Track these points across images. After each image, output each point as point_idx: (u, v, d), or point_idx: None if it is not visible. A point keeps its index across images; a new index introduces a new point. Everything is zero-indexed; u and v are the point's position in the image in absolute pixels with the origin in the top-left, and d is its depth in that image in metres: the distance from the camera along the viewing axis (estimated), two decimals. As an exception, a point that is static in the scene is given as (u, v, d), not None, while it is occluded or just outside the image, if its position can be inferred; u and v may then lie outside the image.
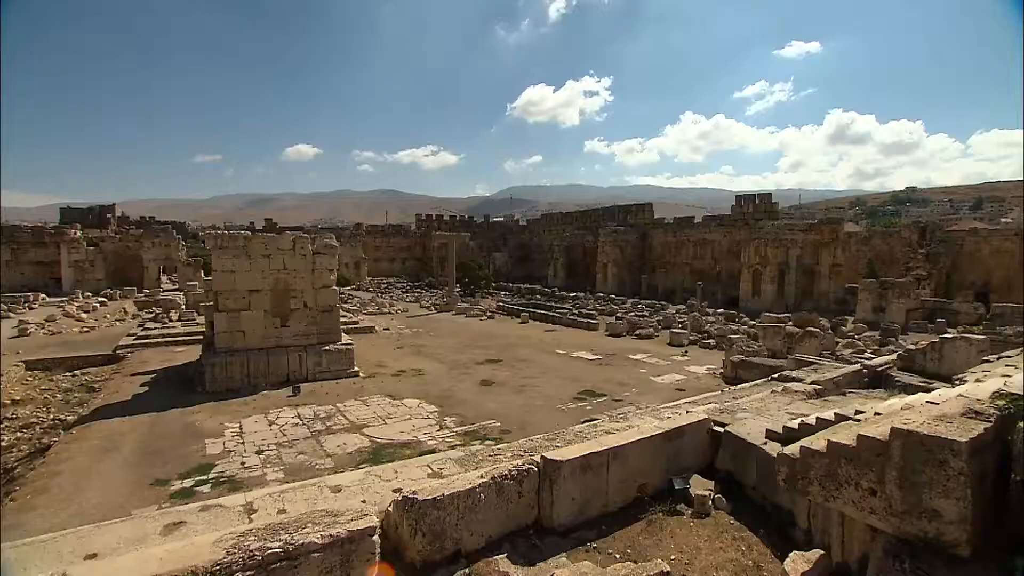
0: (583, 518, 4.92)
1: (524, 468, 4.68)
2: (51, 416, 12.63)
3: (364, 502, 4.42)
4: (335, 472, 7.97)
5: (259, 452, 9.37)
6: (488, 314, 28.94)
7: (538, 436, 7.10)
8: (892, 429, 3.31)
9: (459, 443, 9.67)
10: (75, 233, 41.97)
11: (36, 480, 8.67)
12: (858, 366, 9.86)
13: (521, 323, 26.26)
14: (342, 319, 16.34)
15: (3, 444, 11.03)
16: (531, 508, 4.78)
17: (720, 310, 27.75)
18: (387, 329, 23.58)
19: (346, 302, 28.22)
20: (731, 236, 36.50)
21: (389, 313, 29.68)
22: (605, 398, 12.73)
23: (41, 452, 10.17)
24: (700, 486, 5.52)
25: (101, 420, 11.27)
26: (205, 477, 8.42)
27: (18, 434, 11.65)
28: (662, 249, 41.93)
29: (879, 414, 4.28)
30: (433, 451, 9.05)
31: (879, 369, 9.54)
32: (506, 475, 4.56)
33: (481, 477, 4.41)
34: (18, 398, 14.27)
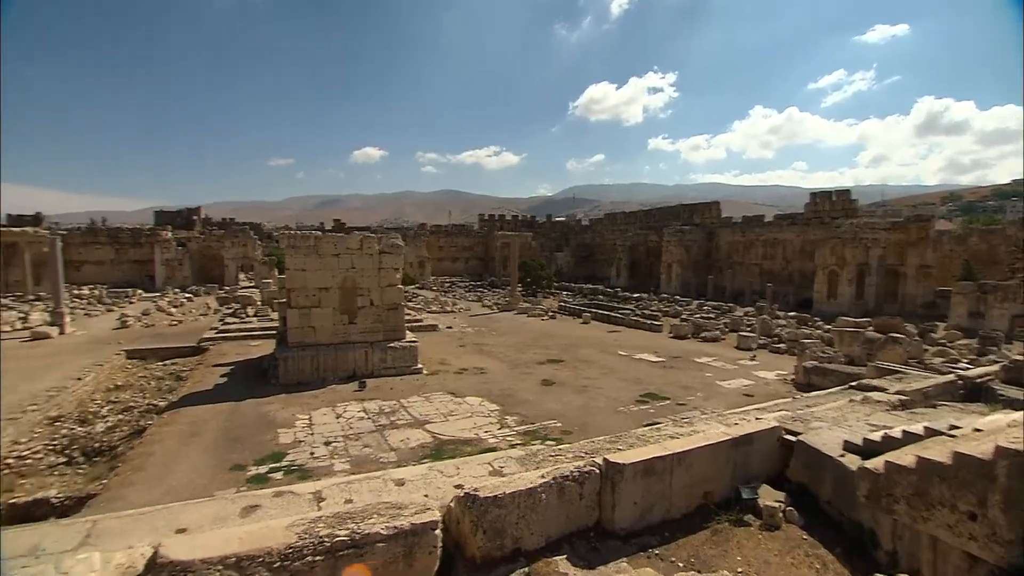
0: (645, 523, 4.80)
1: (586, 470, 4.63)
2: (146, 401, 13.67)
3: (427, 496, 4.50)
4: (398, 466, 8.19)
5: (327, 443, 9.76)
6: (550, 314, 28.88)
7: (600, 438, 7.00)
8: (997, 447, 3.02)
9: (519, 442, 9.70)
10: (167, 234, 45.34)
11: (134, 459, 9.43)
12: (952, 376, 9.09)
13: (583, 323, 26.04)
14: (406, 317, 16.76)
15: (109, 424, 12.08)
16: (592, 510, 4.72)
17: (792, 313, 26.42)
18: (450, 327, 23.99)
19: (410, 300, 28.93)
20: (805, 235, 34.66)
21: (452, 312, 30.18)
22: (668, 402, 12.41)
23: (138, 433, 11.04)
24: (769, 497, 5.27)
25: (187, 407, 12.10)
26: (278, 465, 8.85)
27: (120, 416, 12.71)
28: (729, 249, 40.42)
29: (979, 430, 3.92)
30: (494, 449, 9.11)
31: (978, 381, 8.75)
32: (567, 476, 4.52)
33: (542, 477, 4.39)
34: (120, 383, 15.57)
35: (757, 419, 6.53)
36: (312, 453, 9.32)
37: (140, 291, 38.29)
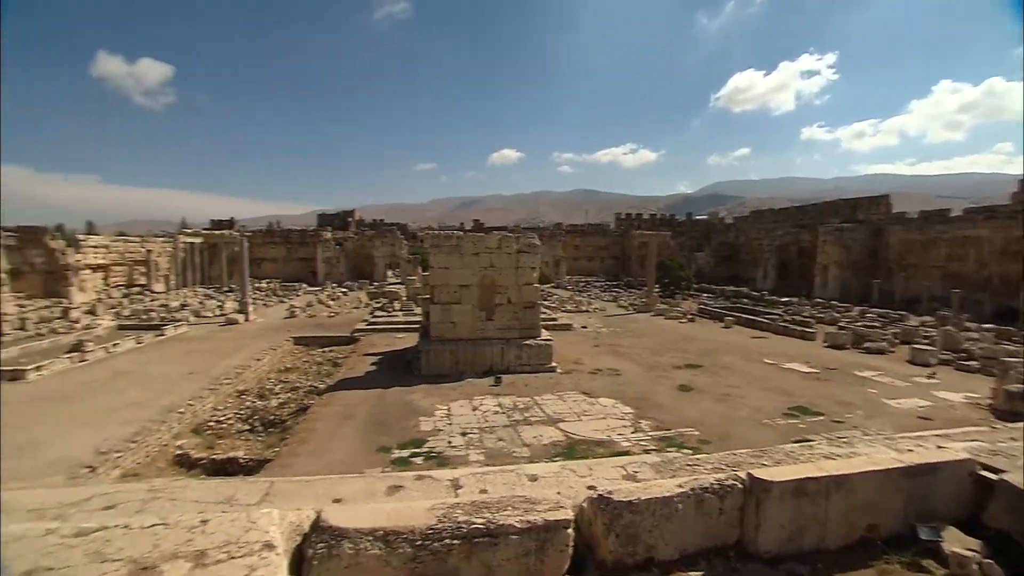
0: (793, 549, 4.36)
1: (727, 483, 4.32)
2: (309, 382, 15.40)
3: (559, 494, 4.50)
4: (530, 461, 8.33)
5: (463, 434, 10.22)
6: (688, 316, 27.60)
7: (742, 451, 6.52)
8: None
9: (654, 448, 9.38)
10: (327, 235, 50.81)
11: (300, 433, 10.67)
12: None
13: (724, 327, 24.50)
14: (541, 315, 17.01)
15: (280, 401, 13.83)
16: (732, 527, 4.40)
17: (988, 325, 22.51)
18: (584, 327, 23.92)
19: (546, 299, 29.33)
20: (1007, 232, 29.09)
21: (587, 311, 30.08)
22: (822, 418, 11.22)
23: (303, 411, 12.48)
24: (957, 542, 4.49)
25: (342, 391, 13.40)
26: (419, 450, 9.46)
27: (288, 394, 14.49)
28: (902, 249, 35.38)
29: None
30: (627, 453, 8.91)
31: None
32: (707, 488, 4.26)
33: (679, 487, 4.19)
34: (288, 366, 17.73)
35: (940, 447, 5.65)
36: (450, 442, 9.82)
37: (305, 285, 43.39)
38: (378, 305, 29.26)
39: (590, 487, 5.00)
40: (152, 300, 34.30)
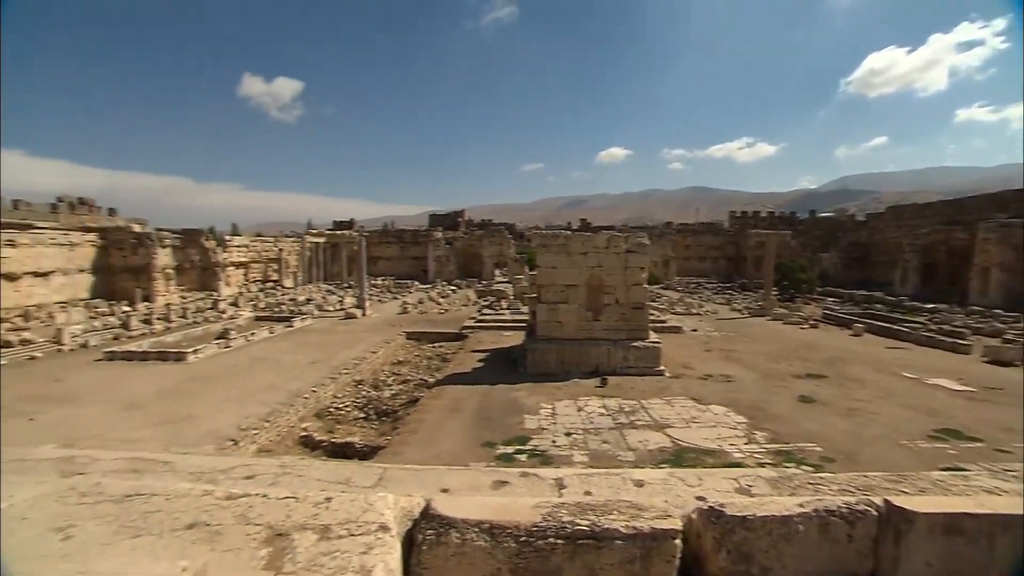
0: (942, 591, 3.86)
1: (858, 508, 3.91)
2: (419, 376, 16.16)
3: (666, 502, 4.34)
4: (635, 466, 8.13)
5: (567, 434, 10.20)
6: (810, 322, 25.48)
7: (875, 473, 5.88)
8: None
9: (769, 461, 8.78)
10: (438, 235, 53.08)
11: (410, 423, 11.24)
12: None
13: (853, 335, 22.31)
14: (650, 317, 16.55)
15: (393, 392, 14.65)
16: (864, 558, 3.96)
17: None
18: (695, 330, 22.94)
19: (654, 300, 28.50)
20: None
21: (697, 314, 28.84)
22: (980, 444, 9.81)
23: (413, 403, 13.13)
24: None
25: (450, 385, 13.91)
26: (523, 447, 9.57)
27: (400, 386, 15.30)
28: (1086, 251, 30.14)
29: None
30: (739, 465, 8.42)
31: None
32: (832, 511, 3.88)
33: (800, 506, 3.85)
34: (400, 359, 18.72)
35: None
36: (554, 441, 9.85)
37: (416, 283, 45.61)
38: (486, 303, 30.06)
39: (699, 497, 4.77)
40: (283, 294, 37.94)
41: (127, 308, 28.45)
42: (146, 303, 30.50)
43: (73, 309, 27.07)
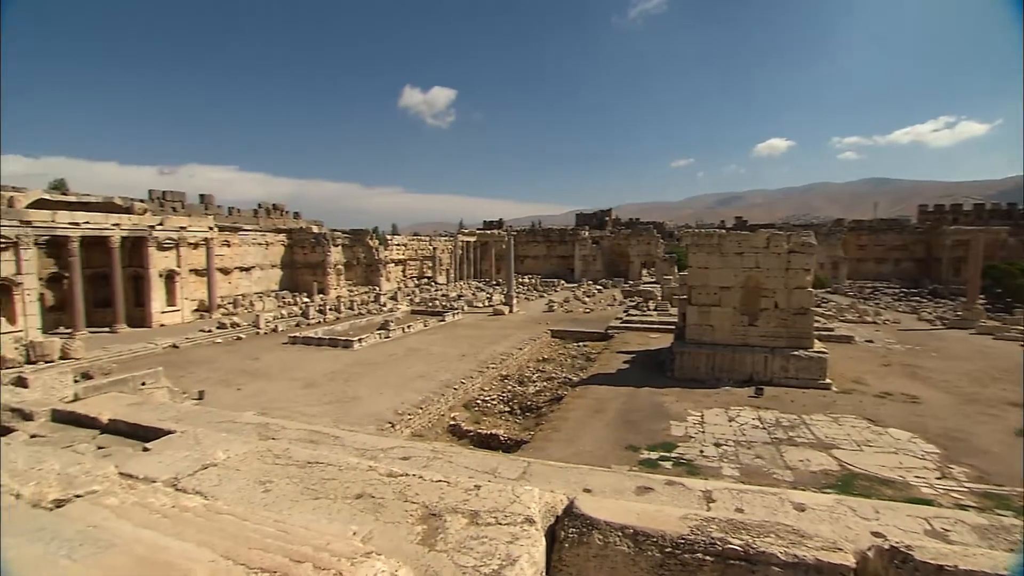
0: None
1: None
2: (563, 374, 16.29)
3: (833, 532, 3.89)
4: (794, 487, 7.39)
5: (717, 445, 9.60)
6: (1029, 338, 21.18)
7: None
8: None
9: (973, 504, 7.45)
10: (584, 234, 53.03)
11: (553, 420, 11.38)
12: None
13: (1092, 357, 18.10)
14: (815, 324, 14.97)
15: (537, 389, 14.98)
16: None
17: None
18: (870, 341, 20.28)
19: (820, 306, 25.74)
20: None
21: (873, 323, 25.45)
22: None
23: (557, 400, 13.28)
24: None
25: (594, 385, 13.82)
26: (668, 455, 9.20)
27: (544, 383, 15.57)
28: None
29: None
30: (930, 503, 7.26)
31: None
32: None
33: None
34: (545, 356, 19.03)
35: None
36: (701, 451, 9.33)
37: (562, 281, 46.01)
38: (632, 303, 29.42)
39: (875, 533, 4.19)
40: (436, 290, 40.66)
41: (306, 299, 32.64)
42: (320, 295, 34.67)
43: (267, 299, 31.70)
